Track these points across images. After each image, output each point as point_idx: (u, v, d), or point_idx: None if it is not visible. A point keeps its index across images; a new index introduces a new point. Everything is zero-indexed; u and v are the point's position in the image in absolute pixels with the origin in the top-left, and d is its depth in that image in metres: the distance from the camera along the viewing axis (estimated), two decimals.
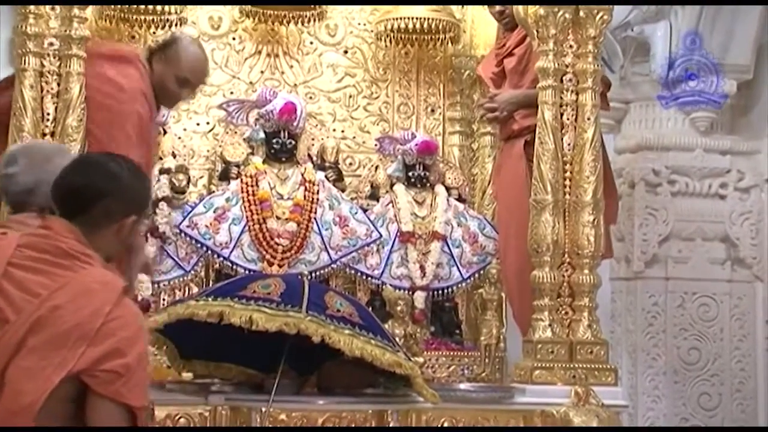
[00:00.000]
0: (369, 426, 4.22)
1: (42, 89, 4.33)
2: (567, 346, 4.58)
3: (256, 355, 4.16)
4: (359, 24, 5.58)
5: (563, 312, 4.65)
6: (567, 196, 4.67)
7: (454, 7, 5.44)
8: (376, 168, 5.39)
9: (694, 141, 6.11)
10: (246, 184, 5.06)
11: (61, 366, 2.36)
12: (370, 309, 4.72)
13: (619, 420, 4.55)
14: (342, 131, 5.51)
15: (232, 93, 5.40)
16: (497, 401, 4.52)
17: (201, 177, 5.30)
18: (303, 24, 5.41)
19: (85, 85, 4.25)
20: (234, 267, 5.03)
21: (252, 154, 5.14)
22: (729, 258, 6.12)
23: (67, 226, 2.56)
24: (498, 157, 5.28)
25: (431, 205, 5.27)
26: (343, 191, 5.27)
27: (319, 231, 5.08)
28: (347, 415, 4.21)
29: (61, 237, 2.53)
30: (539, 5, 4.68)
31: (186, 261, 5.04)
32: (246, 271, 4.97)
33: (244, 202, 5.03)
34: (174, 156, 5.14)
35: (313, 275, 4.80)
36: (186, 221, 5.01)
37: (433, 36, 5.46)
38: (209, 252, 5.03)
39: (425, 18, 5.31)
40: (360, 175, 5.44)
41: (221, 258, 5.03)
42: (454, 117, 5.57)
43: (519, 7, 4.78)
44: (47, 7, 4.34)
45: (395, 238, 5.20)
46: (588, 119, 4.67)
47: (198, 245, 5.03)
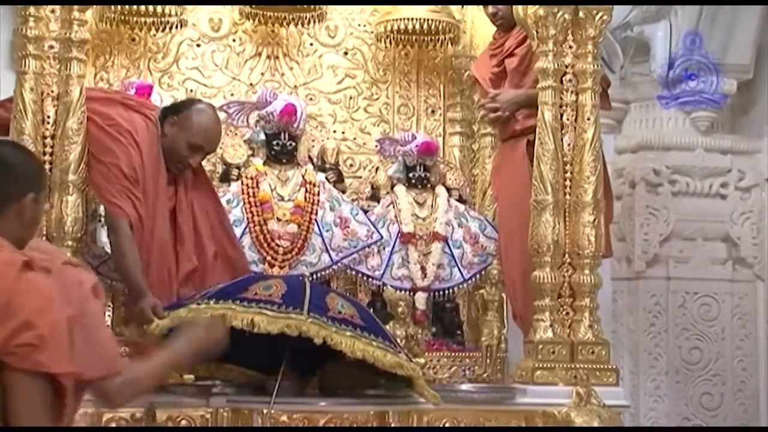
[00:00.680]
0: (370, 427, 4.22)
1: (42, 92, 4.35)
2: (568, 346, 4.58)
3: (257, 357, 4.17)
4: (359, 25, 5.57)
5: (564, 312, 4.66)
6: (567, 196, 4.68)
7: (453, 8, 5.43)
8: (376, 169, 5.39)
9: (694, 141, 6.12)
10: (246, 185, 5.05)
11: None
12: (371, 310, 4.72)
13: (621, 420, 4.55)
14: (342, 132, 5.50)
15: (232, 95, 5.39)
16: (499, 402, 4.52)
17: None
18: (303, 25, 5.40)
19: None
20: None
21: (252, 155, 5.13)
22: (730, 257, 6.12)
23: None
24: (496, 158, 5.27)
25: (432, 206, 5.27)
26: (344, 192, 5.26)
27: (320, 232, 5.07)
28: (348, 417, 4.21)
29: None
30: (539, 5, 4.68)
31: None
32: None
33: (244, 203, 5.02)
34: None
35: (314, 277, 4.81)
36: None
37: (433, 37, 5.45)
38: None
39: (425, 19, 5.30)
40: (360, 177, 5.42)
41: None
42: (454, 118, 5.56)
43: (519, 8, 4.78)
44: (47, 10, 4.34)
45: (396, 239, 5.19)
46: (588, 119, 4.68)
47: None
